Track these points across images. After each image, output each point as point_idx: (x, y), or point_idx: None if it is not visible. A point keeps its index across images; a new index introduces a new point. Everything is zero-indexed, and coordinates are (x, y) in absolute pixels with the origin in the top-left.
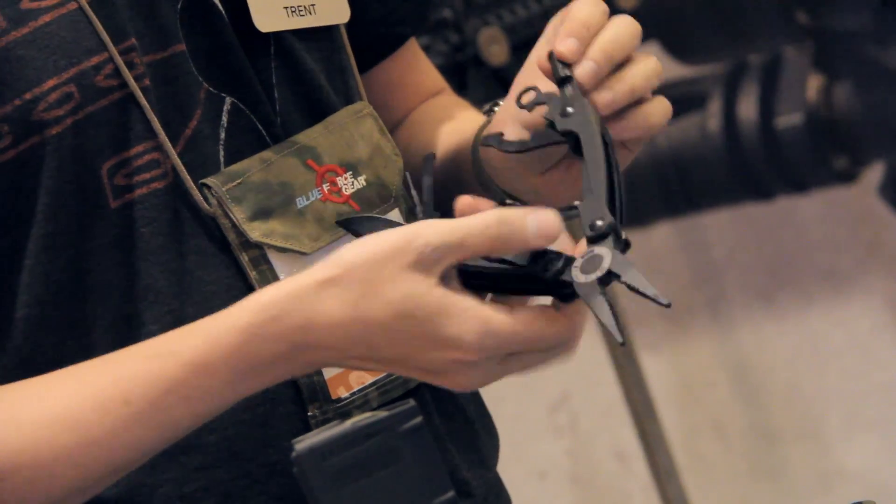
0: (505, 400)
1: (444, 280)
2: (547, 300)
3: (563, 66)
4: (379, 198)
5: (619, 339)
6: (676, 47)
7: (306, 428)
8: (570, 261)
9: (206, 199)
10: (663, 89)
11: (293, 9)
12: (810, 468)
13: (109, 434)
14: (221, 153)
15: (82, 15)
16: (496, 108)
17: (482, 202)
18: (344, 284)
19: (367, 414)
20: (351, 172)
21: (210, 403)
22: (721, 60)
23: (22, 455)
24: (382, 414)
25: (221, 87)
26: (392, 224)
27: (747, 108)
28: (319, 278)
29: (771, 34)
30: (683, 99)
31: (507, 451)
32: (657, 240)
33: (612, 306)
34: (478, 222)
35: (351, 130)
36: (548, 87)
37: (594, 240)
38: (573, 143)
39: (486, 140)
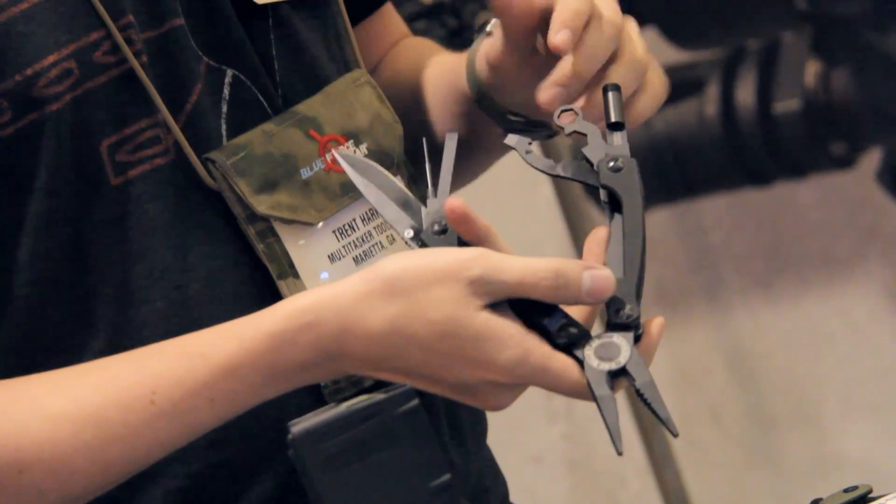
0: None
1: (492, 305)
2: None
3: (616, 110)
4: (380, 166)
5: (619, 449)
6: (674, 32)
7: (319, 402)
8: (584, 334)
9: (210, 173)
10: None
11: None
12: (807, 454)
13: (132, 432)
14: (223, 126)
15: None
16: (488, 29)
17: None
18: (386, 298)
19: (364, 396)
20: (352, 141)
21: (235, 406)
22: (719, 46)
23: (44, 448)
24: (379, 396)
25: (222, 60)
26: (391, 184)
27: (745, 93)
28: (360, 289)
29: (769, 19)
30: (681, 84)
31: (503, 436)
32: (654, 225)
33: (616, 407)
34: (536, 269)
35: (350, 99)
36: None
37: (616, 326)
38: (608, 195)
39: (511, 142)
